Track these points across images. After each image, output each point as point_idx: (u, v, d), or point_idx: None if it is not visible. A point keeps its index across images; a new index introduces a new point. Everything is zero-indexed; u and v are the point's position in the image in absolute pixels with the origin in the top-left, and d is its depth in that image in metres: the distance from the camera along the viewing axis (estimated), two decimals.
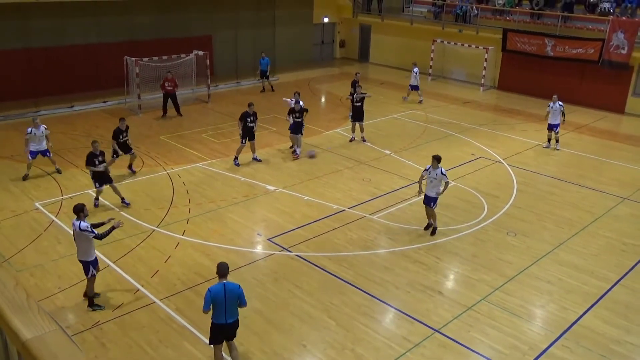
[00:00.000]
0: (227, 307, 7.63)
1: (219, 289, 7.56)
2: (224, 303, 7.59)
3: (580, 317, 9.75)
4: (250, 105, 16.02)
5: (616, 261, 11.69)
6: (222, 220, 12.82)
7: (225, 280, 7.66)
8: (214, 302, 7.55)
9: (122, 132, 14.72)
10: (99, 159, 12.80)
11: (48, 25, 21.31)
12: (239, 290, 7.65)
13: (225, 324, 7.75)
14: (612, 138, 20.34)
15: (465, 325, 9.40)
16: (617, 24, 22.67)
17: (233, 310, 7.75)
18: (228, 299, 7.59)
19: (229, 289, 7.59)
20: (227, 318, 7.71)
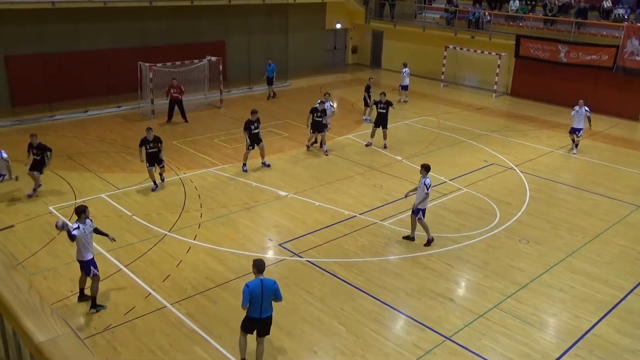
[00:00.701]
0: (263, 302, 7.89)
1: (257, 284, 7.82)
2: (260, 298, 7.84)
3: (593, 326, 9.65)
4: (254, 113, 16.00)
5: (630, 270, 11.57)
6: (233, 225, 12.86)
7: (262, 276, 7.92)
8: (252, 297, 7.79)
9: (149, 141, 14.36)
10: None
11: (63, 31, 21.57)
12: (274, 286, 7.94)
13: (260, 319, 8.03)
14: (627, 145, 20.15)
15: (476, 332, 9.33)
16: (631, 30, 22.50)
17: (268, 306, 8.03)
18: (265, 294, 7.85)
19: (266, 284, 7.85)
20: (262, 313, 8.00)
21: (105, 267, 10.86)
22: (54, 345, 1.74)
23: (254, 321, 8.07)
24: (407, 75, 24.55)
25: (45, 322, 1.84)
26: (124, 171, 15.78)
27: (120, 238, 12.04)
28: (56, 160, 16.31)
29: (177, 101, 20.63)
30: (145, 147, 14.42)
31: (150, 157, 14.49)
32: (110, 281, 10.44)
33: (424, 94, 26.82)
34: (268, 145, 18.38)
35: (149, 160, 14.48)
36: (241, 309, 8.04)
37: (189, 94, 23.04)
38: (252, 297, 7.79)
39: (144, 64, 20.78)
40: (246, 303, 7.83)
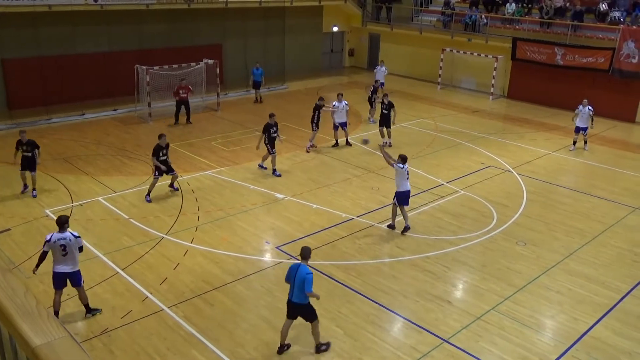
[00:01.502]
0: (294, 286, 8.25)
1: (294, 267, 8.32)
2: (293, 281, 8.27)
3: (590, 327, 9.66)
4: (272, 116, 16.12)
5: (627, 272, 11.59)
6: (230, 228, 12.85)
7: (303, 263, 8.30)
8: (288, 277, 8.38)
9: (162, 148, 14.09)
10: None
11: (59, 34, 21.57)
12: (305, 275, 8.15)
13: (291, 301, 8.42)
14: (623, 147, 20.21)
15: (474, 335, 9.33)
16: (627, 33, 22.58)
17: (299, 293, 8.25)
18: (296, 279, 8.20)
19: (300, 271, 8.19)
20: (293, 297, 8.33)
21: (102, 271, 10.85)
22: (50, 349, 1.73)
23: (288, 302, 8.50)
24: (381, 73, 25.17)
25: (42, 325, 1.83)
26: (121, 174, 15.75)
27: (117, 241, 12.04)
28: (53, 163, 16.34)
29: (185, 102, 20.77)
30: (158, 155, 14.01)
31: (164, 163, 14.14)
32: (107, 284, 10.42)
33: (421, 96, 26.86)
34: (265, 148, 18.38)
35: (161, 170, 14.07)
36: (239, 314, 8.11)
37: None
38: (288, 278, 8.37)
39: (141, 67, 20.77)
40: (286, 280, 8.46)
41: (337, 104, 18.30)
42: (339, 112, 18.32)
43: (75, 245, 9.02)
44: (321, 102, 18.17)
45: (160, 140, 14.18)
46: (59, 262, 9.01)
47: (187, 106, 20.90)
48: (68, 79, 22.00)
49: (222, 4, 24.99)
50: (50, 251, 9.01)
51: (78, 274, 9.20)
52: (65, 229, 9.03)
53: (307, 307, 8.47)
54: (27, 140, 14.02)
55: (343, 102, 18.36)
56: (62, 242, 8.92)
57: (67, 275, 9.10)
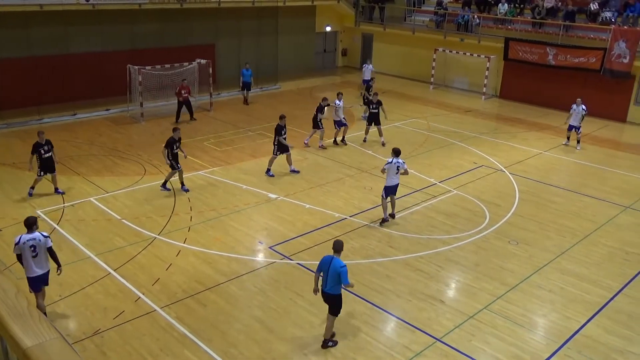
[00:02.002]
0: (328, 277, 8.52)
1: (327, 259, 8.57)
2: (327, 272, 8.54)
3: (582, 326, 9.72)
4: (283, 118, 16.17)
5: (619, 270, 11.66)
6: (223, 228, 12.83)
7: (336, 256, 8.53)
8: (321, 268, 8.63)
9: (176, 141, 14.45)
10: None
11: (51, 34, 21.45)
12: (339, 269, 8.41)
13: (324, 291, 8.68)
14: (614, 147, 20.34)
15: (467, 334, 9.37)
16: (618, 33, 22.72)
17: (332, 284, 8.53)
18: (330, 271, 8.46)
19: (334, 263, 8.45)
20: (326, 287, 8.60)
21: (94, 271, 10.81)
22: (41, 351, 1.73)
23: (322, 292, 8.73)
24: (368, 71, 25.41)
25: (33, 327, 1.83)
26: (113, 174, 15.69)
27: (109, 242, 11.99)
28: None
29: (187, 101, 20.96)
30: (172, 148, 14.39)
31: (176, 157, 14.51)
32: (99, 285, 10.38)
33: (413, 96, 26.92)
34: (258, 148, 18.42)
35: (176, 160, 14.48)
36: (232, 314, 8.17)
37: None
38: (321, 269, 8.62)
39: (133, 66, 20.70)
40: (317, 272, 8.74)
41: (338, 103, 18.58)
42: (340, 110, 18.62)
43: (44, 245, 8.94)
44: (325, 102, 18.38)
45: (175, 134, 14.53)
46: (30, 265, 8.86)
47: (189, 105, 21.13)
48: (60, 79, 21.89)
49: (215, 3, 24.94)
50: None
51: (47, 274, 9.16)
52: (34, 230, 8.89)
53: (338, 298, 8.75)
54: (46, 140, 13.90)
55: (342, 101, 18.76)
56: (32, 242, 8.81)
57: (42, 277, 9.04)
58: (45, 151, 13.76)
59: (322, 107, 18.28)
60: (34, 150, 13.74)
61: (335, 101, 18.64)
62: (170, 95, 22.21)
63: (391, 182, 12.93)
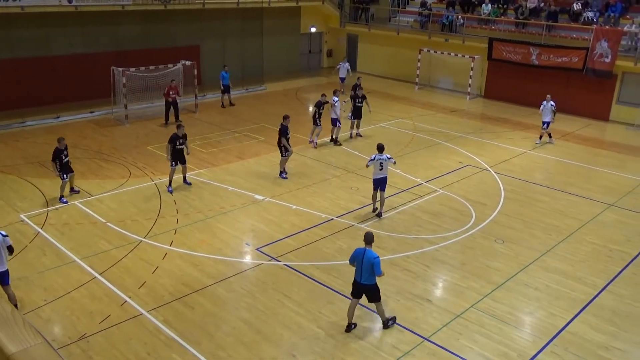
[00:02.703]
0: (362, 269, 8.92)
1: (360, 252, 8.96)
2: (360, 264, 8.93)
3: (568, 323, 9.81)
4: (287, 118, 15.99)
5: (603, 267, 11.79)
6: (210, 231, 12.77)
7: (369, 248, 8.92)
8: (355, 260, 9.03)
9: (179, 138, 14.58)
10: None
11: (33, 36, 21.22)
12: (373, 260, 8.82)
13: (359, 283, 9.06)
14: (598, 145, 20.57)
15: (454, 333, 9.41)
16: (600, 33, 23.00)
17: (367, 275, 8.93)
18: (364, 262, 8.86)
19: (367, 255, 8.86)
20: (361, 278, 8.98)
21: (79, 275, 10.70)
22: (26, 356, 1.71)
23: (355, 283, 9.14)
24: (344, 69, 26.39)
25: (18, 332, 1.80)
26: (98, 177, 15.56)
27: (95, 245, 11.89)
28: (28, 167, 16.13)
29: (174, 103, 20.96)
30: (175, 144, 14.47)
31: (177, 154, 14.59)
32: (84, 289, 10.28)
33: (399, 96, 27.02)
34: (244, 149, 18.38)
35: (177, 158, 14.60)
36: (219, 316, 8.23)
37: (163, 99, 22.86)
38: (355, 261, 9.01)
39: (117, 68, 20.54)
40: (350, 262, 9.17)
41: (335, 99, 18.79)
42: (337, 107, 18.79)
43: (3, 244, 9.08)
44: (323, 98, 18.68)
45: (178, 130, 14.68)
46: None
47: (175, 106, 21.08)
48: (43, 81, 21.66)
49: (200, 4, 24.84)
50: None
51: (7, 273, 9.23)
52: None
53: (374, 287, 9.10)
54: (66, 145, 14.04)
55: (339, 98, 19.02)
56: None
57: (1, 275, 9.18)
58: (65, 156, 13.92)
59: (321, 104, 18.54)
60: (55, 157, 13.77)
61: (333, 98, 18.82)
62: (155, 97, 22.10)
63: (376, 175, 13.46)
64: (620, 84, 23.45)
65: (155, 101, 22.54)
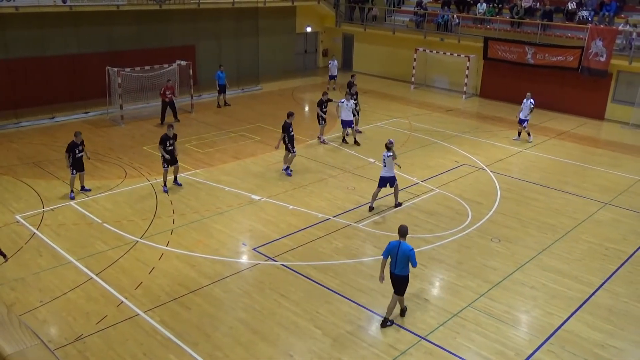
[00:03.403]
0: (397, 260, 9.20)
1: (395, 244, 9.25)
2: (395, 256, 9.21)
3: (564, 322, 9.83)
4: (291, 115, 16.32)
5: (599, 266, 11.83)
6: (206, 231, 12.75)
7: (403, 240, 9.22)
8: (389, 253, 9.27)
9: (170, 138, 14.59)
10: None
11: (28, 36, 21.14)
12: (409, 252, 9.14)
13: (393, 274, 9.34)
14: (593, 144, 20.63)
15: (451, 332, 9.42)
16: (595, 32, 23.06)
17: (402, 266, 9.22)
18: (399, 254, 9.16)
19: (402, 247, 9.17)
20: (396, 270, 9.27)
21: (76, 276, 10.67)
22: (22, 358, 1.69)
23: (390, 275, 9.37)
24: (334, 67, 27.01)
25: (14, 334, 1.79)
26: (93, 178, 15.50)
27: (91, 246, 11.85)
28: (23, 168, 16.06)
29: (171, 102, 21.01)
30: (165, 145, 14.47)
31: (170, 153, 14.59)
32: (80, 290, 10.25)
33: (395, 96, 27.04)
34: (240, 149, 18.36)
35: (171, 157, 14.57)
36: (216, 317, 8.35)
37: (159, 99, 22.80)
38: (390, 254, 9.25)
39: (112, 69, 20.49)
40: (385, 256, 9.35)
41: (342, 101, 18.76)
42: (345, 109, 18.68)
43: None
44: (325, 96, 18.77)
45: (168, 131, 14.68)
46: None
47: (172, 106, 21.13)
48: (37, 81, 21.59)
49: (195, 4, 24.80)
50: None
51: None
52: None
53: (406, 279, 9.38)
54: (82, 140, 14.26)
55: (351, 101, 18.78)
56: None
57: None
58: (79, 151, 14.12)
59: (323, 102, 18.61)
60: (69, 150, 14.00)
61: (342, 100, 18.89)
62: (150, 97, 22.08)
63: (382, 173, 13.90)
64: (615, 83, 23.52)
65: (150, 101, 22.50)
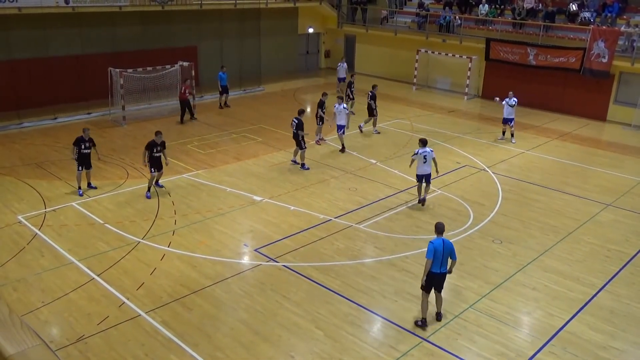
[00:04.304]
0: (443, 258, 9.18)
1: (440, 242, 9.17)
2: (441, 254, 9.13)
3: (566, 323, 9.82)
4: (302, 113, 16.86)
5: (601, 267, 11.81)
6: (208, 231, 12.76)
7: (443, 237, 9.26)
8: (435, 252, 9.10)
9: (157, 145, 14.39)
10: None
11: (30, 37, 21.18)
12: (452, 246, 9.28)
13: (439, 273, 9.27)
14: (595, 145, 20.60)
15: (452, 333, 9.41)
16: (597, 33, 23.03)
17: (445, 262, 9.25)
18: (446, 250, 9.17)
19: (446, 244, 9.20)
20: (441, 268, 9.23)
21: (77, 277, 10.68)
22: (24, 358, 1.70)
23: (433, 276, 9.25)
24: (342, 69, 26.57)
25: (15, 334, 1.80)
26: (95, 179, 15.49)
27: (93, 247, 11.87)
28: (25, 169, 16.09)
29: (188, 101, 21.36)
30: (152, 151, 14.36)
31: (155, 161, 14.42)
32: (82, 291, 10.26)
33: (397, 97, 27.03)
34: (242, 150, 18.37)
35: (154, 165, 14.42)
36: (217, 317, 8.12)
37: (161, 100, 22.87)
38: (435, 253, 9.07)
39: (114, 69, 20.52)
40: (431, 256, 9.09)
41: (337, 106, 18.42)
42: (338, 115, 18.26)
43: None
44: (324, 97, 18.78)
45: (156, 137, 14.51)
46: None
47: (189, 105, 21.49)
48: (40, 82, 21.62)
49: (197, 5, 24.82)
50: None
51: None
52: None
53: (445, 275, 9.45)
54: (90, 137, 14.40)
55: (342, 105, 18.39)
56: None
57: None
58: (85, 147, 14.26)
59: (323, 102, 18.63)
60: (76, 143, 14.23)
61: (335, 104, 18.48)
62: (153, 98, 22.15)
63: (420, 170, 14.14)
64: (617, 84, 23.49)
65: (153, 102, 22.53)
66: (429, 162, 14.03)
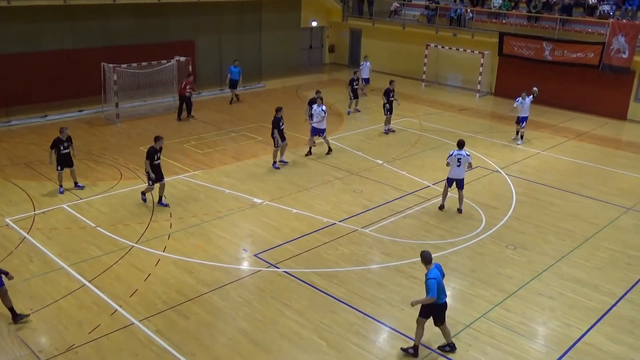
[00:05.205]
0: (444, 286, 8.76)
1: (437, 273, 8.63)
2: (442, 283, 8.71)
3: (584, 334, 9.78)
4: (280, 110, 16.79)
5: (621, 275, 11.77)
6: (205, 236, 12.77)
7: (434, 264, 8.73)
8: (439, 283, 8.57)
9: (157, 152, 13.73)
10: None
11: (20, 31, 21.22)
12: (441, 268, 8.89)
13: (444, 303, 8.83)
14: (615, 145, 20.55)
15: (463, 344, 9.39)
16: (617, 27, 22.99)
17: (444, 289, 8.82)
18: (443, 278, 8.78)
19: (440, 270, 8.80)
20: (444, 297, 8.81)
21: (68, 283, 10.70)
22: None
23: (440, 307, 8.77)
24: (367, 68, 26.26)
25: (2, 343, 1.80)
26: (87, 180, 15.55)
27: (84, 251, 11.89)
28: (13, 169, 16.15)
29: (188, 98, 21.55)
30: (152, 159, 13.65)
31: (157, 169, 13.87)
32: (72, 298, 10.27)
33: (405, 94, 26.97)
34: (241, 150, 18.39)
35: (157, 172, 13.84)
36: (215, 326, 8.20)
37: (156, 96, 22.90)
38: (438, 286, 8.51)
39: (107, 65, 20.57)
40: (435, 294, 8.48)
41: (315, 108, 17.72)
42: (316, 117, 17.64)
43: None
44: (318, 94, 18.50)
45: (156, 143, 13.81)
46: None
47: (189, 102, 21.67)
48: (29, 78, 21.63)
49: None
50: None
51: None
52: None
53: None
54: (68, 136, 14.50)
55: (322, 106, 17.73)
56: None
57: None
58: (64, 147, 14.39)
59: (315, 100, 18.39)
60: (54, 146, 14.35)
61: (314, 106, 17.80)
62: (148, 94, 22.19)
63: (451, 174, 13.98)
64: (638, 81, 23.45)
65: (147, 99, 22.57)
66: (463, 166, 13.86)
